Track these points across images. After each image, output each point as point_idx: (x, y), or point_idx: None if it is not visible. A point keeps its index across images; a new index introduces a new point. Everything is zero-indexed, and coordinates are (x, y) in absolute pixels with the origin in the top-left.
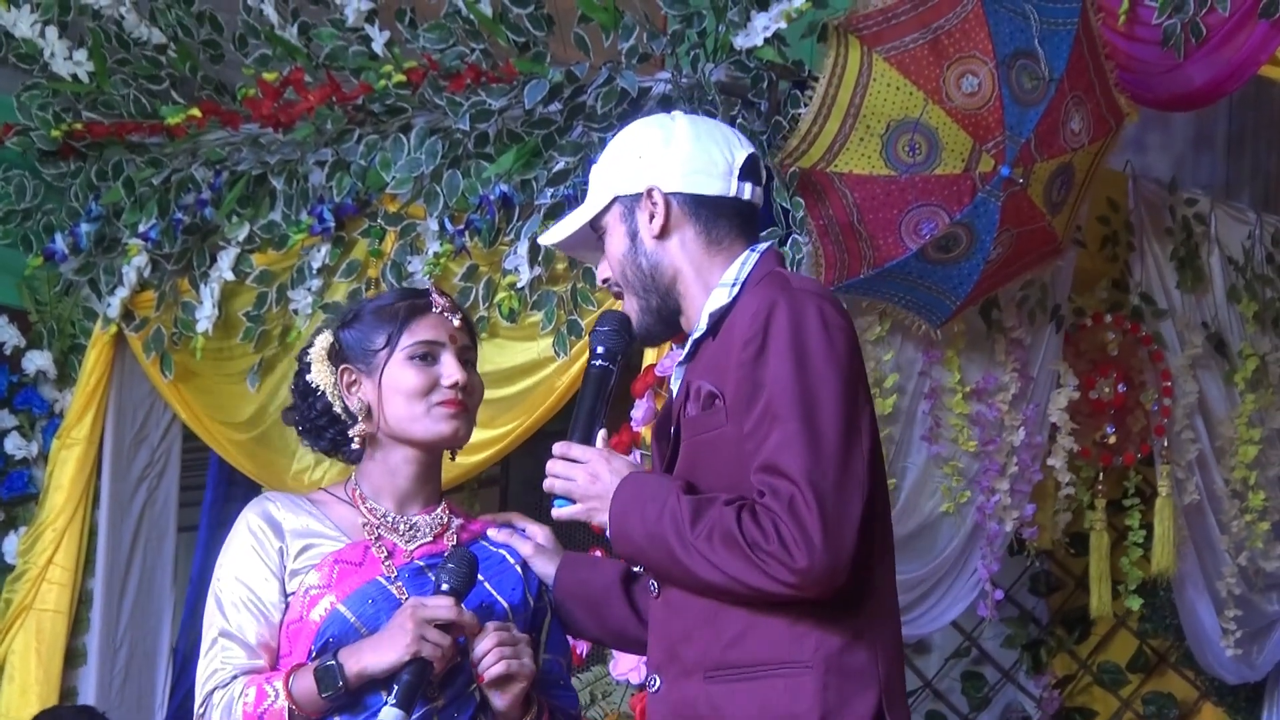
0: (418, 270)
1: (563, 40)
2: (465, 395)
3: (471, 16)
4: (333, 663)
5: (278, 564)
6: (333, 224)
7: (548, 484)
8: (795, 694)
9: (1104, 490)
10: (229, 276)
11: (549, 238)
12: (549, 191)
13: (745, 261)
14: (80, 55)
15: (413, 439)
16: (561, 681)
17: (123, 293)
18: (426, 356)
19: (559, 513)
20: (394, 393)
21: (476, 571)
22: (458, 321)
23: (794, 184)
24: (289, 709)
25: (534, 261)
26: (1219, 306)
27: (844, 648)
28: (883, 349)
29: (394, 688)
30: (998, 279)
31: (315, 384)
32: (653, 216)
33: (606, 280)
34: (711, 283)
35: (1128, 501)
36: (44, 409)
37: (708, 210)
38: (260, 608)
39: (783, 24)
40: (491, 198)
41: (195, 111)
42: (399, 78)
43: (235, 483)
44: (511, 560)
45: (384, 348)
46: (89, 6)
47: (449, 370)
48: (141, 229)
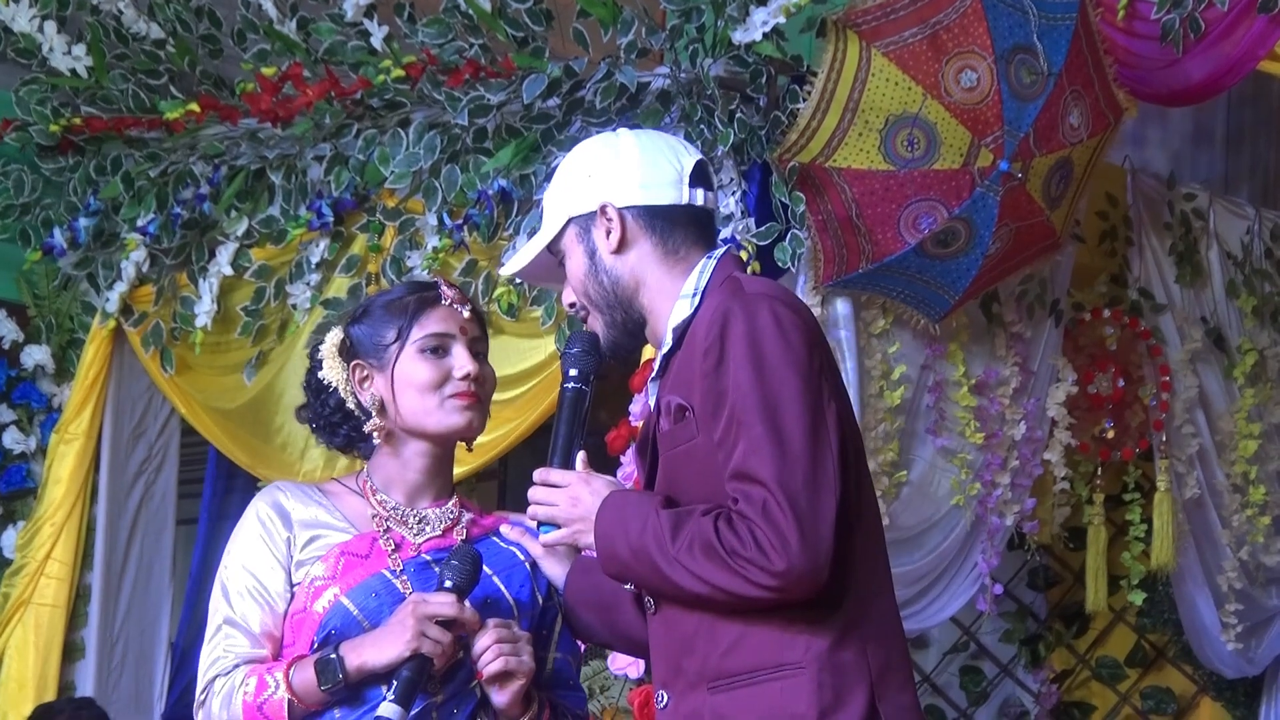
0: (417, 265)
1: (561, 35)
2: (478, 386)
3: (470, 11)
4: (333, 656)
5: (284, 554)
6: (331, 219)
7: (531, 511)
8: (792, 695)
9: (1102, 485)
10: (227, 271)
11: (509, 269)
12: (547, 186)
13: (703, 270)
14: (79, 50)
15: (426, 432)
16: (570, 681)
17: (121, 287)
18: (438, 349)
19: (544, 539)
20: (406, 386)
21: (480, 569)
22: (467, 313)
23: (793, 179)
24: (289, 700)
25: None
26: (1218, 301)
27: (835, 645)
28: (888, 341)
29: (393, 683)
30: (996, 274)
31: (327, 381)
32: (609, 232)
33: (572, 304)
34: (674, 293)
35: (1128, 496)
36: (42, 403)
37: (662, 221)
38: (265, 597)
39: (781, 19)
40: (490, 193)
41: (194, 106)
42: (398, 73)
43: (235, 476)
44: (522, 557)
45: (395, 342)
46: (87, 1)
47: (461, 362)
48: (140, 224)
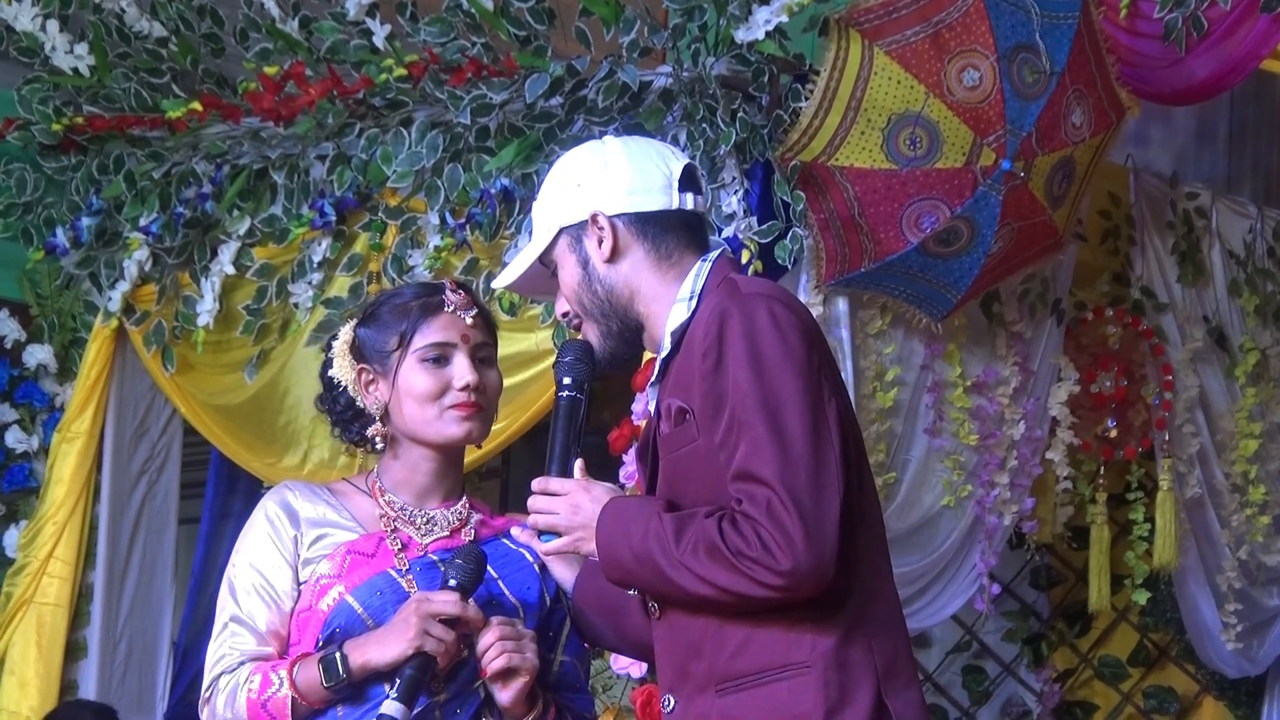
0: (419, 264)
1: (564, 34)
2: (479, 395)
3: (472, 10)
4: (337, 654)
5: (292, 552)
6: (333, 218)
7: (531, 520)
8: (799, 694)
9: (1105, 484)
10: (230, 270)
11: (501, 281)
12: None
13: (699, 273)
14: (81, 49)
15: (426, 440)
16: (578, 684)
17: (123, 286)
18: (439, 359)
19: (546, 547)
20: (407, 395)
21: (484, 569)
22: (470, 319)
23: (795, 178)
24: (292, 698)
25: None
26: (1220, 300)
27: (840, 643)
28: (884, 342)
29: (396, 681)
30: (998, 273)
31: (337, 380)
32: (601, 241)
33: (565, 314)
34: (670, 298)
35: (1131, 495)
36: (45, 403)
37: (654, 227)
38: (272, 595)
39: (784, 18)
40: (492, 191)
41: (196, 105)
42: (400, 71)
43: (237, 475)
44: (530, 559)
45: (397, 349)
46: (89, 0)
47: (460, 372)
48: (142, 223)
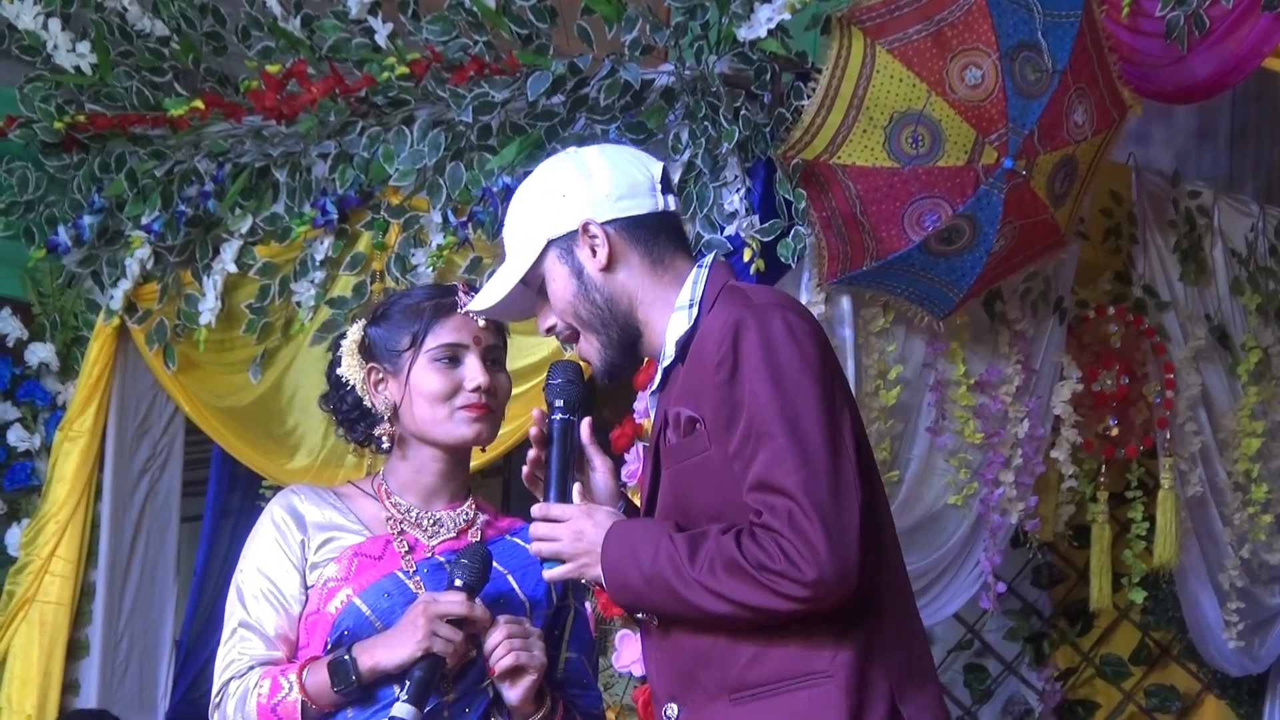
0: (421, 262)
1: (566, 32)
2: (489, 397)
3: (474, 8)
4: (346, 657)
5: (299, 556)
6: (336, 216)
7: (534, 548)
8: (821, 704)
9: (1106, 482)
10: (232, 269)
11: (480, 304)
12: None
13: (696, 280)
14: (83, 47)
15: (436, 441)
16: (585, 681)
17: (125, 285)
18: (451, 359)
19: (550, 574)
20: (418, 395)
21: (490, 567)
22: (483, 322)
23: (797, 176)
24: (302, 702)
25: None
26: (1222, 299)
27: (859, 652)
28: (886, 340)
29: (406, 683)
30: (1000, 271)
31: (345, 378)
32: (595, 250)
33: (552, 328)
34: (669, 304)
35: (1130, 494)
36: (47, 401)
37: (645, 231)
38: (280, 599)
39: (786, 16)
40: (494, 190)
41: (198, 103)
42: (402, 70)
43: (239, 474)
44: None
45: (409, 349)
46: None
47: (472, 374)
48: (144, 221)
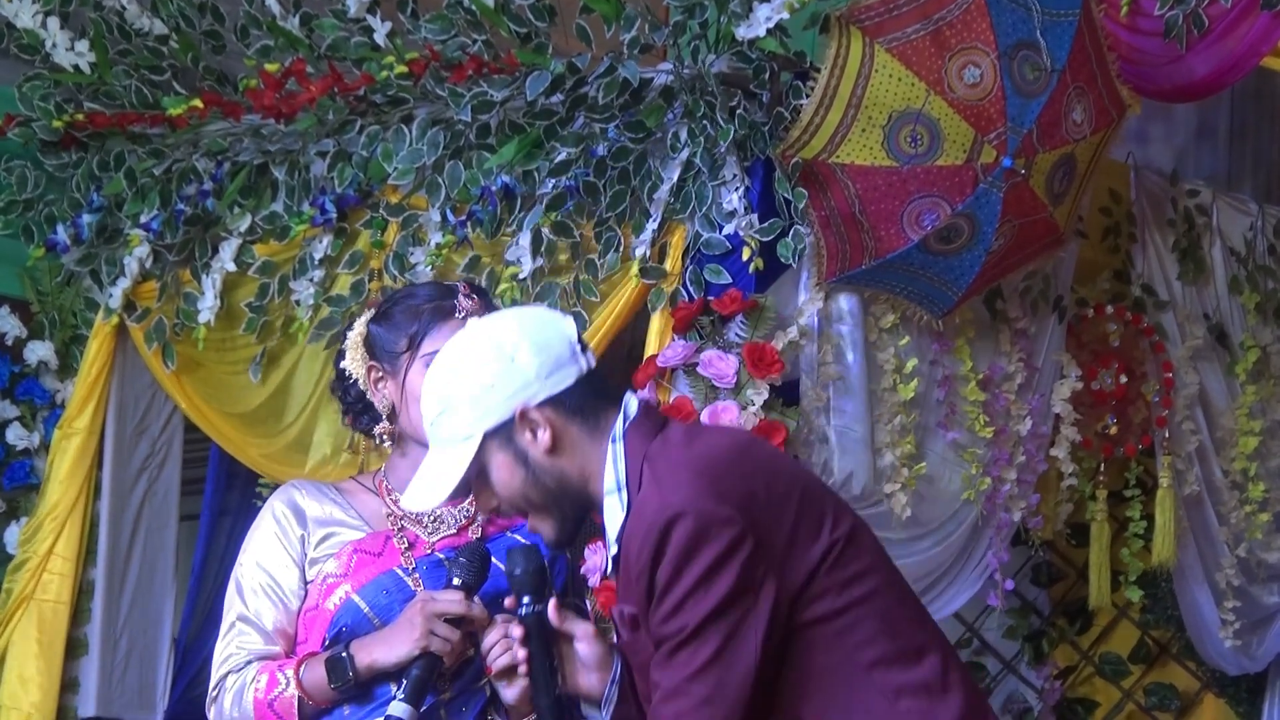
0: (420, 261)
1: (564, 31)
2: None
3: (473, 7)
4: (344, 654)
5: (299, 551)
6: (334, 215)
7: None
8: None
9: (1105, 481)
10: (231, 267)
11: (421, 502)
12: (551, 182)
13: (615, 458)
14: (82, 46)
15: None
16: None
17: (124, 283)
18: None
19: None
20: (413, 399)
21: (489, 565)
22: None
23: (795, 175)
24: (299, 698)
25: (536, 253)
26: (1220, 298)
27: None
28: (898, 335)
29: (403, 681)
30: (999, 270)
31: (349, 372)
32: (536, 434)
33: (495, 509)
34: (601, 486)
35: (1129, 492)
36: (45, 399)
37: (577, 399)
38: (279, 594)
39: (785, 15)
40: (493, 189)
41: (197, 102)
42: (401, 69)
43: (236, 472)
44: (539, 552)
45: (406, 351)
46: None
47: None
48: (143, 220)
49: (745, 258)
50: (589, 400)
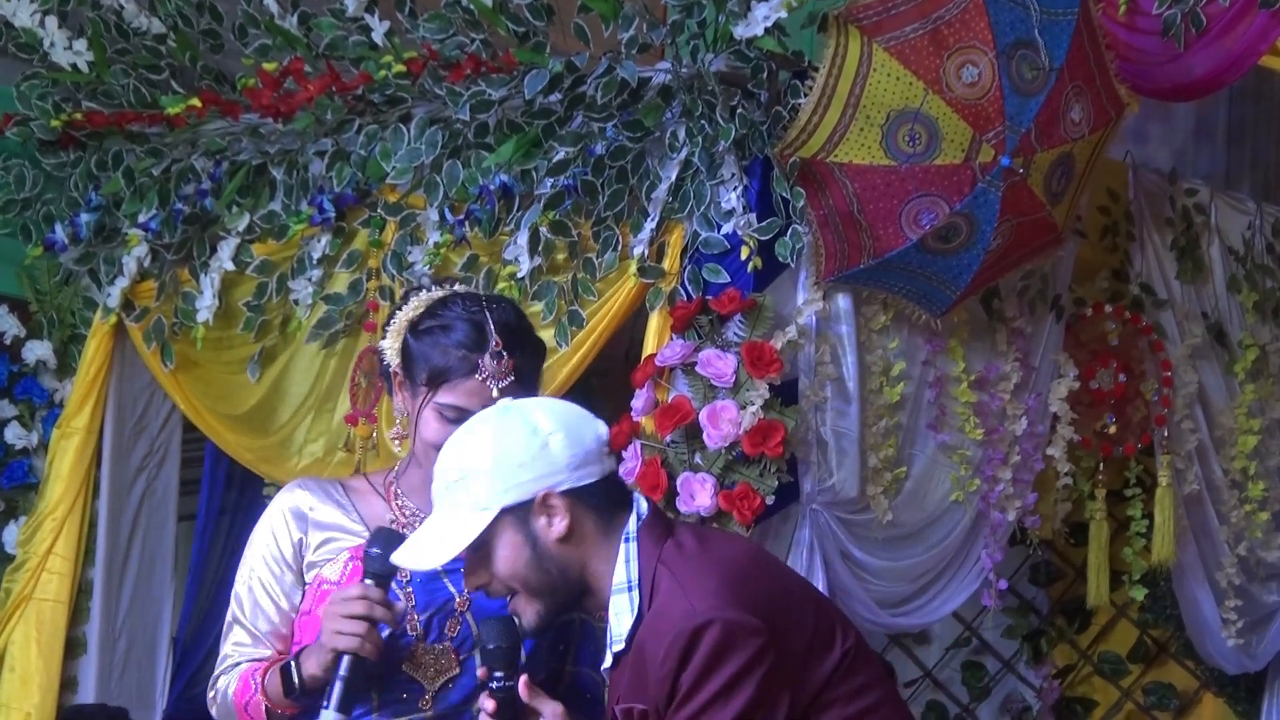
0: (418, 260)
1: (563, 30)
2: None
3: (471, 6)
4: (292, 664)
5: (294, 554)
6: (333, 214)
7: None
8: None
9: (1104, 480)
10: (229, 266)
11: (420, 563)
12: (549, 181)
13: (628, 558)
14: (80, 45)
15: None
16: (589, 694)
17: (123, 283)
18: (456, 420)
19: None
20: (422, 431)
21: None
22: (498, 391)
23: (794, 174)
24: (265, 705)
25: (534, 252)
26: (1219, 297)
27: None
28: (888, 337)
29: (330, 689)
30: (998, 269)
31: (384, 353)
32: (552, 521)
33: (483, 586)
34: (612, 572)
35: (1128, 491)
36: (44, 399)
37: (597, 498)
38: (272, 596)
39: (783, 14)
40: (491, 188)
41: (195, 101)
42: (399, 68)
43: (233, 472)
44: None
45: (423, 385)
46: None
47: None
48: (141, 219)
49: (744, 257)
50: (606, 500)
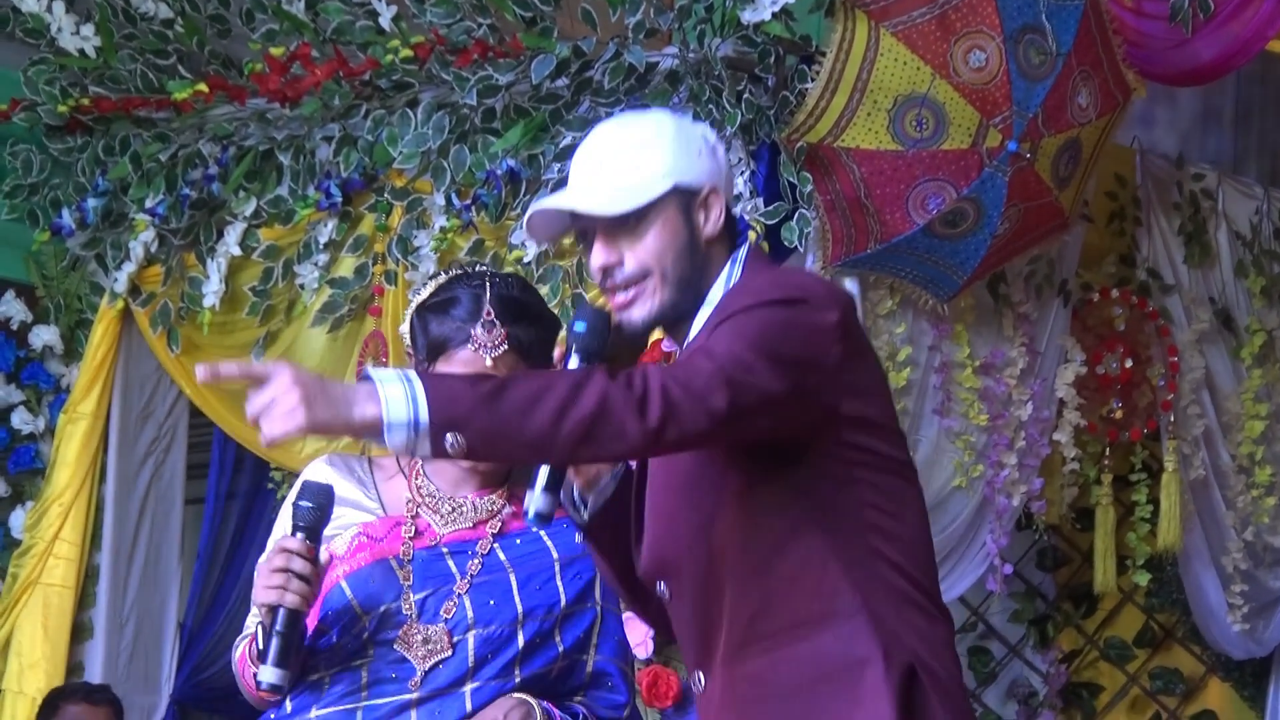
0: (424, 245)
1: (570, 15)
2: None
3: None
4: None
5: (326, 554)
6: (340, 199)
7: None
8: (850, 639)
9: (1110, 465)
10: (236, 252)
11: (593, 204)
12: (556, 166)
13: (730, 275)
14: (87, 30)
15: None
16: (610, 683)
17: (129, 268)
18: None
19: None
20: None
21: (330, 505)
22: (492, 360)
23: (801, 159)
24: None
25: None
26: (1226, 282)
27: (874, 590)
28: (894, 322)
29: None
30: (1005, 254)
31: (402, 334)
32: (709, 216)
33: (610, 267)
34: (707, 297)
35: (1134, 477)
36: (51, 384)
37: (733, 226)
38: None
39: None
40: (498, 173)
41: (202, 87)
42: (406, 53)
43: (241, 457)
44: (554, 555)
45: (421, 363)
46: None
47: None
48: (148, 204)
49: (751, 241)
50: (730, 225)
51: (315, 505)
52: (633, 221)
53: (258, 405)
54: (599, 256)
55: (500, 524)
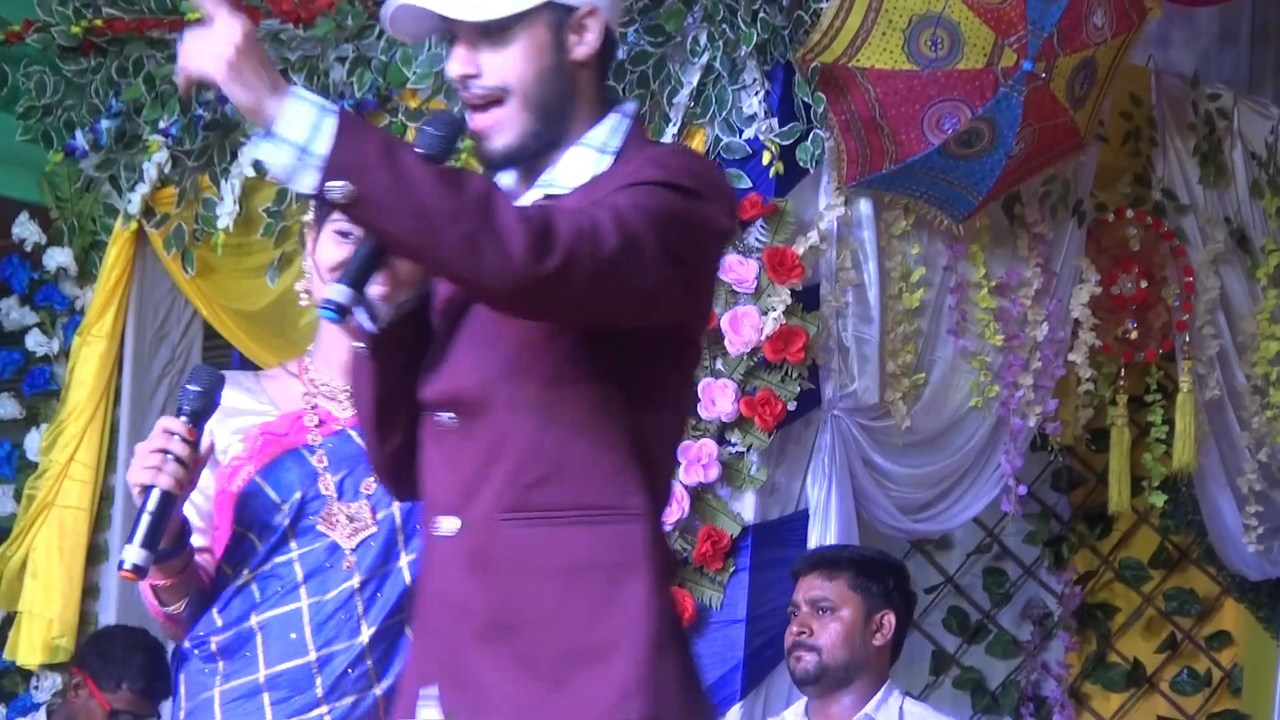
0: None
1: None
2: None
3: None
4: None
5: (207, 444)
6: None
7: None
8: (628, 542)
9: (1125, 386)
10: (249, 173)
11: (456, 9)
12: None
13: (617, 127)
14: None
15: None
16: None
17: (143, 189)
18: (349, 239)
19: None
20: (319, 257)
21: (217, 391)
22: None
23: (816, 79)
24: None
25: None
26: (1241, 202)
27: (654, 503)
28: (908, 243)
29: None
30: (1020, 174)
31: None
32: (582, 39)
33: (470, 78)
34: (579, 135)
35: (1149, 397)
36: (65, 306)
37: (609, 53)
38: (200, 487)
39: None
40: None
41: None
42: None
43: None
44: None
45: (319, 218)
46: None
47: None
48: (162, 125)
49: (765, 162)
50: (608, 66)
51: (203, 389)
52: (496, 31)
53: (197, 35)
54: (457, 65)
55: None
